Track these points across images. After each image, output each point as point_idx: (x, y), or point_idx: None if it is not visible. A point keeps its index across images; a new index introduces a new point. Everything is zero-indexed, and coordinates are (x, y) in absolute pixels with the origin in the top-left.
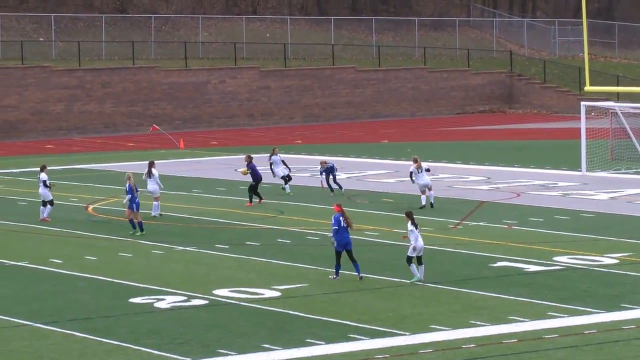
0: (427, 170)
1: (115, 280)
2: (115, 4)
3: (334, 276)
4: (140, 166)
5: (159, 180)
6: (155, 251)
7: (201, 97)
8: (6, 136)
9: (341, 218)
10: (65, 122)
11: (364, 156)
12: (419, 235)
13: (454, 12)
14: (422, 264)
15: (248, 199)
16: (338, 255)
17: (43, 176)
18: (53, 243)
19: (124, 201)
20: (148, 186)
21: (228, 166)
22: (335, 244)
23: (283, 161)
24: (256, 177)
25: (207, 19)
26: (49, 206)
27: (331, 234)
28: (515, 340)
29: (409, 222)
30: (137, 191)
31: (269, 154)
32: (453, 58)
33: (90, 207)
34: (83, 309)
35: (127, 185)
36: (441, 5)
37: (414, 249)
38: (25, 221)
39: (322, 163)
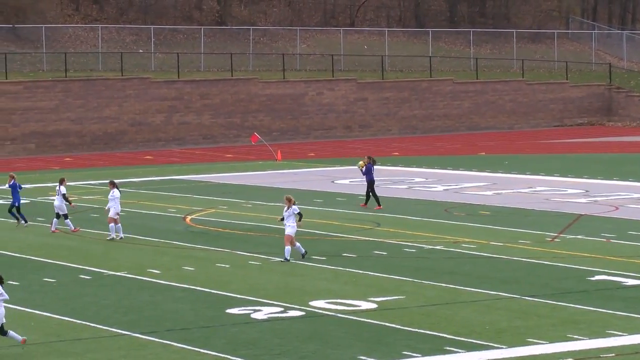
0: (299, 215)
1: (212, 291)
2: (214, 16)
3: None
4: (238, 177)
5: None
6: (252, 262)
7: (298, 108)
8: (106, 147)
9: None
10: (164, 133)
11: (461, 168)
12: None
13: (553, 25)
14: (5, 334)
15: (368, 201)
16: None
17: (62, 189)
18: (151, 253)
19: None
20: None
21: (325, 178)
22: None
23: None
24: (368, 178)
25: (304, 31)
26: (65, 219)
27: None
28: (614, 354)
29: None
30: None
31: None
32: (551, 70)
33: (188, 218)
34: (181, 320)
35: None
36: (539, 17)
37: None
38: (124, 231)
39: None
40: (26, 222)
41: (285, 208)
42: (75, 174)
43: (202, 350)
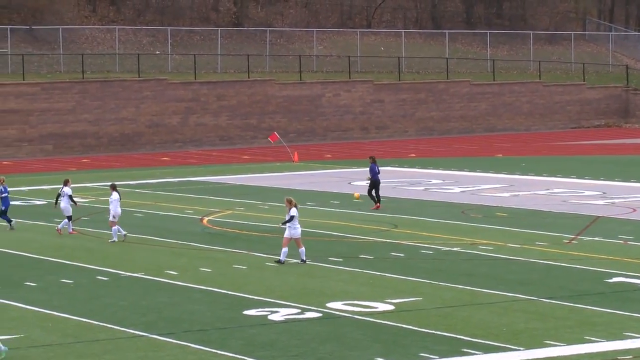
0: (290, 218)
1: (230, 292)
2: (231, 17)
3: None
4: (255, 179)
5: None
6: (270, 263)
7: (315, 110)
8: (123, 148)
9: None
10: (181, 135)
11: (478, 170)
12: None
13: (570, 26)
14: None
15: (380, 200)
16: None
17: (67, 190)
18: (168, 255)
19: None
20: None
21: (342, 179)
22: None
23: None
24: (373, 179)
25: (321, 33)
26: (66, 220)
27: None
28: (631, 356)
29: None
30: None
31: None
32: (568, 72)
33: (206, 220)
34: (198, 321)
35: None
36: (556, 18)
37: None
38: (141, 233)
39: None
40: (10, 221)
41: (287, 210)
42: (92, 175)
43: (219, 352)
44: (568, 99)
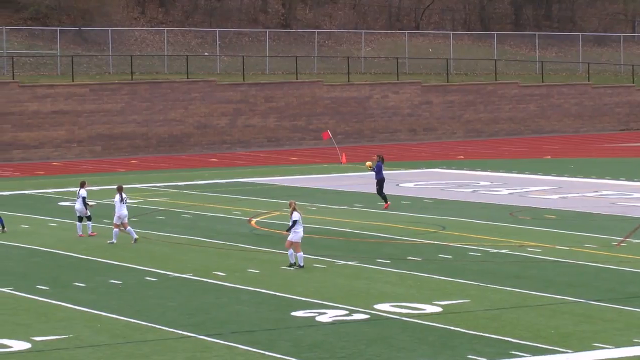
0: (292, 224)
1: (277, 294)
2: (279, 19)
3: None
4: (303, 180)
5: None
6: (317, 265)
7: (363, 111)
8: (171, 149)
9: None
10: (229, 136)
11: (527, 172)
12: None
13: (619, 28)
14: None
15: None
16: None
17: (83, 192)
18: (216, 256)
19: None
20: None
21: (390, 181)
22: None
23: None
24: (378, 177)
25: (369, 34)
26: (88, 222)
27: None
28: None
29: None
30: None
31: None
32: (617, 74)
33: (253, 221)
34: (246, 322)
35: None
36: (605, 20)
37: None
38: (189, 234)
39: None
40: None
41: (290, 214)
42: (141, 177)
43: (267, 353)
44: (617, 100)
